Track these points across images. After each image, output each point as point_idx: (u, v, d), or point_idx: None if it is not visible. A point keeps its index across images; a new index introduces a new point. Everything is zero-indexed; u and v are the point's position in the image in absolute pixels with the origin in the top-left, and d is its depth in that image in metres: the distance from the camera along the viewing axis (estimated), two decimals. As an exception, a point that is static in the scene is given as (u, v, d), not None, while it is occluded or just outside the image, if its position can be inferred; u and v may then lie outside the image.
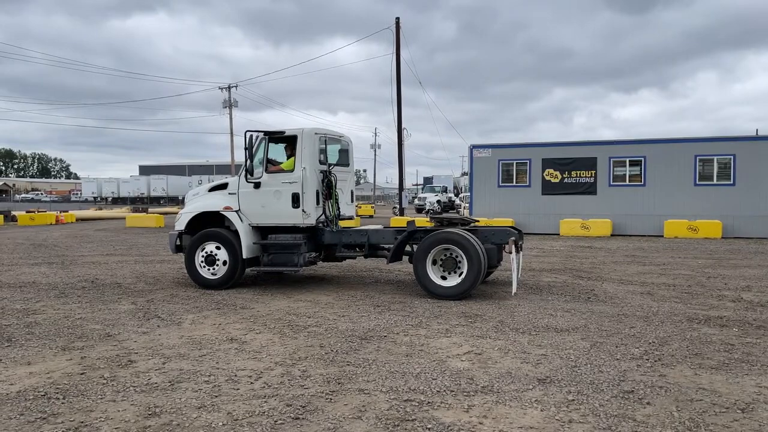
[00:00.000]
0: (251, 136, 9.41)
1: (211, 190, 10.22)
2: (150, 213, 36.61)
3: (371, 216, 39.79)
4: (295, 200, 9.36)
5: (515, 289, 9.00)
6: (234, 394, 4.72)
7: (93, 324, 7.26)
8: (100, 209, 47.30)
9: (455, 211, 40.23)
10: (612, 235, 20.64)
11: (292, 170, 9.45)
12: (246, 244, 9.51)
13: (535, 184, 22.45)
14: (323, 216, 9.72)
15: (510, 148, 23.54)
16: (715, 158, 20.33)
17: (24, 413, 4.34)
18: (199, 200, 10.25)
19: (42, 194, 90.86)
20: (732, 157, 20.05)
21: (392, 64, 30.72)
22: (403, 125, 32.65)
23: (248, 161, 9.44)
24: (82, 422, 4.18)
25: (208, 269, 9.70)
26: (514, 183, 22.83)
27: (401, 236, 9.30)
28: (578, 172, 21.89)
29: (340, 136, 10.60)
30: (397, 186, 35.95)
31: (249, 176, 9.52)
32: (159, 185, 69.27)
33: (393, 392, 4.74)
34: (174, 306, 8.39)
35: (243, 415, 4.28)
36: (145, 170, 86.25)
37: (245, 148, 9.38)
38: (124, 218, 31.94)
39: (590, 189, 21.71)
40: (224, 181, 10.19)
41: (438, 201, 43.59)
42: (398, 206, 34.63)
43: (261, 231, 9.77)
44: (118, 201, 68.06)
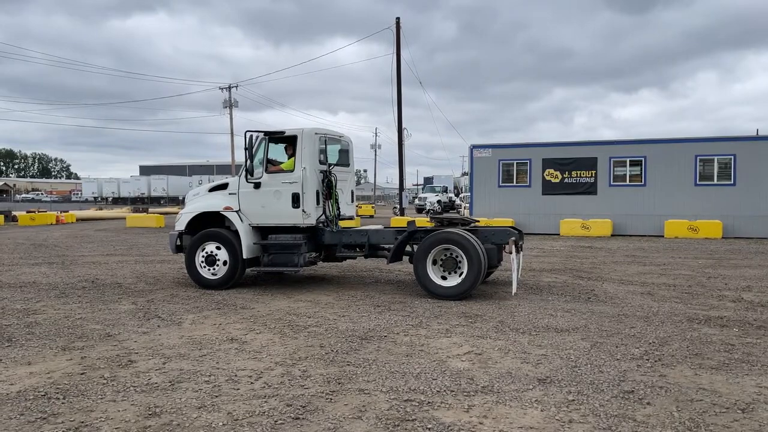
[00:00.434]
0: (251, 136, 9.41)
1: (212, 191, 10.21)
2: (150, 213, 36.63)
3: (371, 216, 39.80)
4: (295, 200, 9.36)
5: (515, 290, 8.99)
6: (234, 394, 4.72)
7: (93, 324, 7.26)
8: (101, 209, 47.32)
9: (456, 211, 40.24)
10: (612, 235, 20.64)
11: (293, 170, 9.45)
12: (246, 245, 9.51)
13: (536, 184, 22.45)
14: (323, 216, 9.71)
15: (510, 148, 23.54)
16: (716, 158, 20.32)
17: (24, 413, 4.34)
18: (200, 200, 10.25)
19: (42, 194, 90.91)
20: (732, 157, 20.04)
21: (392, 64, 30.75)
22: (404, 125, 32.68)
23: (248, 161, 9.44)
24: (83, 422, 4.18)
25: (209, 269, 9.69)
26: (515, 183, 22.83)
27: (401, 236, 9.30)
28: (578, 172, 21.89)
29: (340, 136, 10.60)
30: (398, 186, 35.96)
31: (249, 176, 9.52)
32: (159, 185, 69.29)
33: (393, 392, 4.74)
34: (174, 306, 8.39)
35: (243, 415, 4.28)
36: (146, 170, 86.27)
37: (245, 148, 9.38)
38: (125, 218, 31.95)
39: (590, 189, 21.71)
40: (224, 182, 10.19)
41: (438, 201, 43.60)
42: (398, 206, 34.64)
43: (261, 231, 9.76)
44: (119, 201, 68.08)
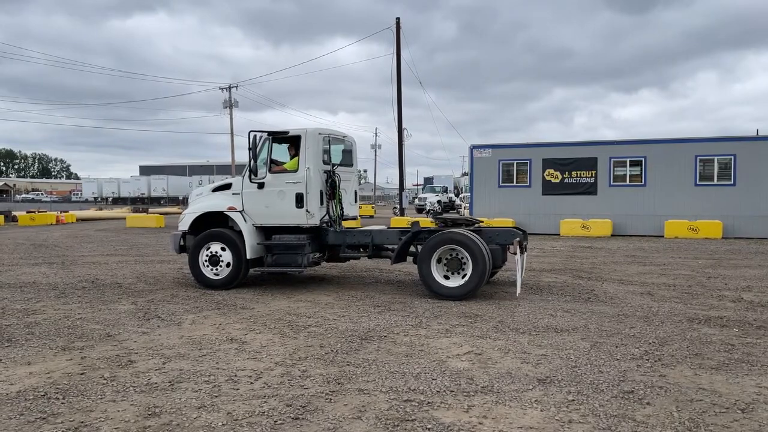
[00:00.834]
0: (255, 136, 9.39)
1: (215, 191, 10.19)
2: (150, 213, 36.64)
3: (372, 216, 39.78)
4: (299, 200, 9.34)
5: (519, 290, 8.97)
6: (234, 394, 4.72)
7: (93, 324, 7.26)
8: (101, 209, 47.33)
9: (456, 212, 40.23)
10: (612, 236, 20.64)
11: (296, 170, 9.43)
12: (250, 245, 9.49)
13: (536, 185, 22.45)
14: (327, 216, 9.69)
15: (510, 149, 23.55)
16: (716, 158, 20.32)
17: (24, 413, 4.34)
18: (203, 200, 10.22)
19: (42, 194, 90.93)
20: (732, 157, 20.04)
21: (392, 65, 30.75)
22: (404, 125, 32.68)
23: (252, 161, 9.42)
24: (82, 422, 4.18)
25: (212, 269, 9.67)
26: (515, 183, 22.83)
27: (406, 237, 9.28)
28: (579, 173, 21.89)
29: (344, 136, 10.58)
30: (398, 186, 35.96)
31: (253, 176, 9.50)
32: (159, 185, 69.31)
33: (393, 392, 4.74)
34: (174, 306, 8.39)
35: (243, 415, 4.28)
36: (146, 170, 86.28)
37: (249, 148, 9.36)
38: (125, 218, 31.95)
39: (591, 189, 21.71)
40: (228, 182, 10.17)
41: (438, 201, 43.60)
42: (398, 206, 34.64)
43: (265, 231, 9.74)
44: (119, 201, 68.09)
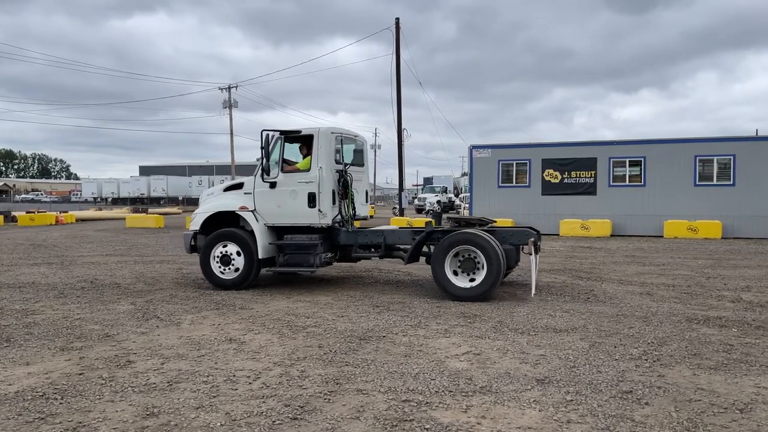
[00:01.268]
0: (267, 136, 9.33)
1: (227, 190, 10.15)
2: (150, 213, 36.62)
3: (371, 216, 39.77)
4: (311, 200, 9.30)
5: (534, 291, 8.87)
6: (232, 395, 4.72)
7: (92, 324, 7.26)
8: (100, 210, 47.33)
9: (455, 212, 40.22)
10: (612, 236, 20.64)
11: (308, 170, 9.38)
12: (262, 244, 9.45)
13: (535, 185, 22.46)
14: (339, 216, 9.65)
15: (510, 149, 23.55)
16: (715, 158, 20.33)
17: (22, 413, 4.34)
18: (215, 200, 10.17)
19: (42, 195, 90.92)
20: (732, 158, 20.05)
21: (392, 65, 30.75)
22: (403, 125, 32.68)
23: (264, 161, 9.36)
24: (80, 422, 4.18)
25: (223, 269, 9.63)
26: (514, 183, 22.84)
27: (419, 237, 9.22)
28: (578, 173, 21.90)
29: (355, 136, 10.54)
30: (397, 186, 35.96)
31: (265, 176, 9.45)
32: (159, 185, 69.28)
33: (391, 392, 4.74)
34: (173, 306, 8.39)
35: (241, 416, 4.27)
36: (145, 170, 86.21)
37: (261, 148, 9.31)
38: (124, 219, 31.95)
39: (590, 189, 21.71)
40: (240, 181, 10.11)
41: (438, 201, 43.59)
42: (398, 206, 34.63)
43: (276, 231, 9.70)
44: (118, 201, 68.06)
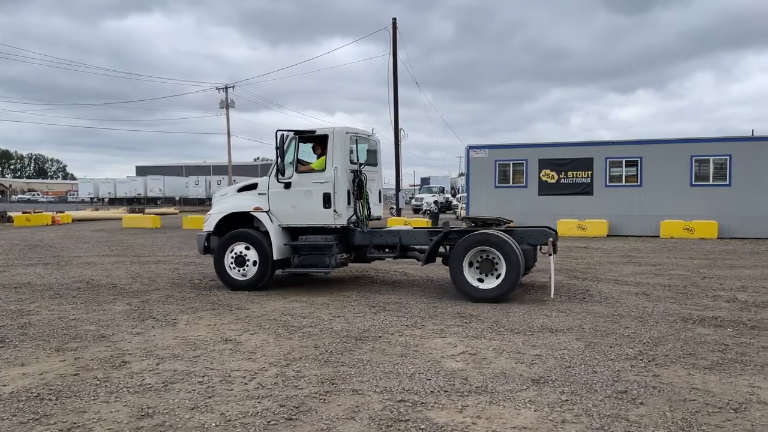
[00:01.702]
0: (282, 136, 9.26)
1: (240, 191, 10.09)
2: (147, 213, 36.57)
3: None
4: (327, 200, 9.25)
5: (553, 292, 8.78)
6: (227, 395, 4.72)
7: (87, 325, 7.25)
8: (97, 210, 47.24)
9: (452, 212, 40.24)
10: (608, 236, 20.67)
11: (324, 170, 9.33)
12: (277, 245, 9.40)
13: (532, 185, 22.48)
14: (354, 216, 9.60)
15: (507, 149, 23.57)
16: (711, 159, 20.37)
17: (16, 414, 4.33)
18: (228, 201, 10.10)
19: (38, 195, 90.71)
20: (728, 158, 20.09)
21: (389, 65, 30.76)
22: (400, 126, 32.69)
23: (279, 161, 9.29)
24: (75, 423, 4.17)
25: (238, 270, 9.58)
26: (511, 183, 22.86)
27: (437, 237, 9.16)
28: (575, 173, 21.93)
29: (369, 136, 10.49)
30: (394, 186, 35.97)
31: (280, 176, 9.39)
32: (156, 186, 69.11)
33: (387, 393, 4.74)
34: (169, 307, 8.38)
35: (236, 416, 4.27)
36: (142, 171, 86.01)
37: (276, 148, 9.22)
38: (121, 219, 31.89)
39: (587, 189, 21.74)
40: (254, 182, 10.05)
41: (435, 201, 43.59)
42: (395, 207, 34.64)
43: (291, 232, 9.65)
44: (115, 201, 67.90)
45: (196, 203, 63.70)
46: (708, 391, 4.74)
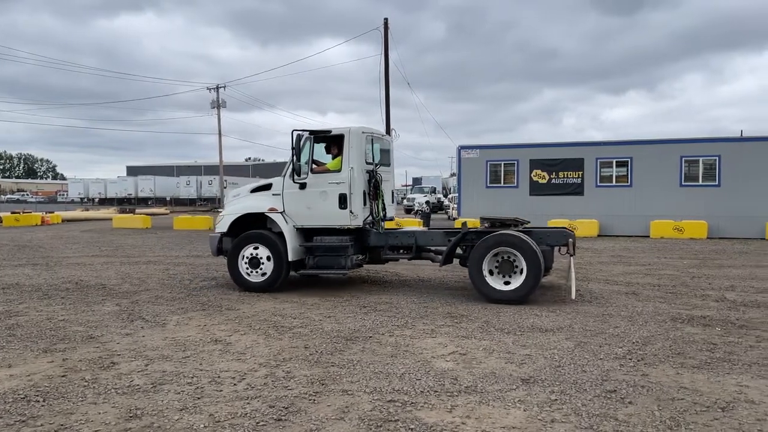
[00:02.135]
0: (298, 136, 9.14)
1: (254, 191, 9.97)
2: (137, 214, 36.38)
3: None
4: (342, 201, 9.16)
5: (574, 294, 8.65)
6: (217, 396, 4.70)
7: (76, 326, 7.20)
8: (87, 210, 46.93)
9: (444, 212, 40.28)
10: (599, 236, 20.76)
11: (339, 170, 9.23)
12: (292, 247, 9.28)
13: (523, 185, 22.54)
14: (370, 217, 9.53)
15: (498, 149, 23.63)
16: (701, 159, 20.51)
17: (3, 416, 4.29)
18: (242, 201, 9.98)
19: (28, 195, 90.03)
20: (717, 158, 20.23)
21: (380, 65, 30.74)
22: (392, 126, 32.65)
23: (295, 161, 9.18)
24: (62, 425, 4.14)
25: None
26: (502, 183, 22.91)
27: (455, 238, 9.07)
28: (565, 173, 22.01)
29: (383, 135, 10.40)
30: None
31: (296, 176, 9.29)
32: (147, 186, 68.46)
33: (377, 393, 4.74)
34: (159, 307, 8.33)
35: (225, 417, 4.25)
36: (133, 171, 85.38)
37: (292, 148, 9.09)
38: (111, 219, 31.70)
39: (577, 190, 21.83)
40: (268, 182, 9.93)
41: (427, 202, 43.57)
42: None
43: (305, 233, 9.54)
44: (105, 202, 67.21)
45: (187, 203, 63.26)
46: (696, 390, 4.77)
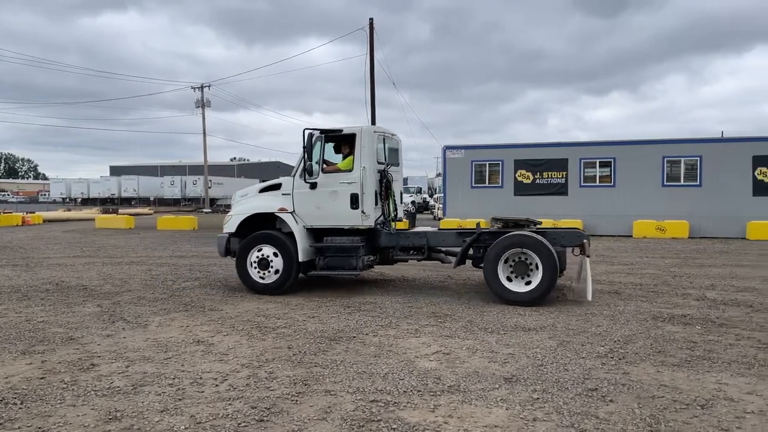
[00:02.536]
0: (310, 135, 9.01)
1: (262, 191, 9.81)
2: (120, 214, 36.02)
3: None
4: (354, 201, 9.03)
5: (591, 295, 8.50)
6: (198, 397, 4.66)
7: (55, 327, 7.10)
8: (69, 210, 46.37)
9: (429, 212, 40.35)
10: (583, 236, 20.88)
11: (351, 170, 9.10)
12: (302, 247, 9.14)
13: (508, 185, 22.65)
14: (381, 217, 9.43)
15: (483, 149, 23.72)
16: (682, 159, 20.75)
17: (-21, 419, 4.22)
18: (250, 201, 9.80)
19: (8, 195, 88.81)
20: (698, 159, 20.48)
21: (366, 65, 30.73)
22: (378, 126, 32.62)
23: (307, 161, 9.02)
24: (40, 428, 4.08)
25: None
26: (487, 183, 23.01)
27: (470, 239, 8.97)
28: (550, 173, 22.15)
29: (393, 135, 10.27)
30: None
31: (308, 176, 9.13)
32: (130, 186, 68.06)
33: (359, 393, 4.73)
34: (141, 308, 8.25)
35: (206, 418, 4.22)
36: (116, 171, 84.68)
37: (303, 147, 8.95)
38: (94, 219, 31.36)
39: (561, 190, 21.98)
40: (277, 182, 9.76)
41: (412, 202, 43.60)
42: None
43: (314, 233, 9.41)
44: (88, 202, 66.70)
45: (172, 203, 62.96)
46: (676, 388, 4.82)
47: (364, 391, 4.76)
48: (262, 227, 9.59)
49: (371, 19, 30.67)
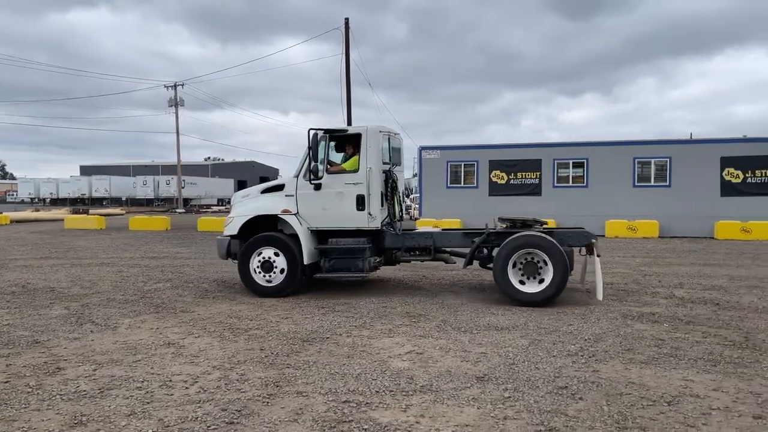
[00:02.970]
0: (315, 134, 8.83)
1: (264, 192, 9.58)
2: (91, 214, 35.37)
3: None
4: (360, 202, 8.86)
5: (601, 295, 8.50)
6: (167, 400, 4.59)
7: (21, 330, 6.94)
8: (38, 210, 45.38)
9: (406, 212, 40.34)
10: (556, 235, 21.12)
11: (356, 170, 8.92)
12: (307, 250, 8.94)
13: (483, 185, 22.80)
14: (387, 218, 9.30)
15: (458, 150, 23.84)
16: (653, 161, 21.10)
17: (-62, 426, 4.10)
18: (252, 203, 9.55)
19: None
20: (668, 160, 20.86)
21: (341, 65, 30.65)
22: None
23: (311, 161, 8.82)
24: (2, 433, 3.98)
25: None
26: (462, 184, 23.13)
27: (479, 239, 8.92)
28: (524, 174, 22.35)
29: (396, 134, 10.09)
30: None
31: (312, 177, 8.91)
32: (101, 186, 66.92)
33: (332, 394, 4.71)
34: (110, 310, 8.11)
35: (175, 422, 4.16)
36: (87, 170, 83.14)
37: (308, 147, 8.78)
38: (63, 220, 30.73)
39: (535, 190, 22.20)
40: (280, 183, 9.54)
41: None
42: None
43: (319, 235, 9.25)
44: (57, 202, 65.39)
45: (144, 204, 62.07)
46: (643, 385, 4.89)
47: (337, 392, 4.74)
48: (264, 229, 9.36)
49: (347, 19, 30.62)
